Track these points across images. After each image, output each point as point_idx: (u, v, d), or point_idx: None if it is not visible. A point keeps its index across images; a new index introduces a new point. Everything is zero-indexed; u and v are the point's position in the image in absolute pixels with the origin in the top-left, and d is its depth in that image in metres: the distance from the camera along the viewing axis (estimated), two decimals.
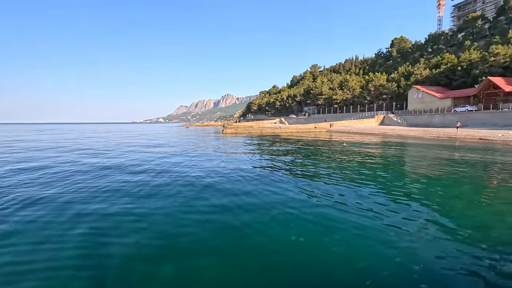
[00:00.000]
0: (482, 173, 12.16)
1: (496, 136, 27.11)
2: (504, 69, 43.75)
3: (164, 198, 8.62)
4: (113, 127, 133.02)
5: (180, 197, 8.77)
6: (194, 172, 12.81)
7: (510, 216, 6.93)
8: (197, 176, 11.87)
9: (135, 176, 11.82)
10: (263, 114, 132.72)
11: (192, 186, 10.16)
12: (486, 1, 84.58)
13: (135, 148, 24.70)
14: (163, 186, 10.15)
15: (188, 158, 17.40)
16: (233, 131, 52.25)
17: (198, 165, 14.68)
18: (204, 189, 9.66)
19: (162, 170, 13.31)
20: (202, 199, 8.62)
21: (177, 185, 10.30)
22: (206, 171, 13.06)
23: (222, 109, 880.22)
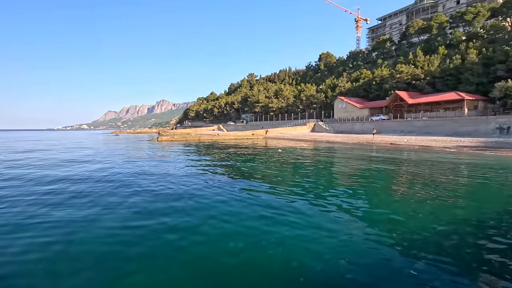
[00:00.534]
0: (394, 171, 14.06)
1: (403, 141, 31.90)
2: (407, 85, 52.05)
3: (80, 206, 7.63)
4: (13, 135, 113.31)
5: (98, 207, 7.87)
6: (118, 182, 11.68)
7: (416, 207, 8.11)
8: (124, 188, 10.85)
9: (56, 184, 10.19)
10: (201, 121, 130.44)
11: (117, 197, 9.23)
12: (392, 27, 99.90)
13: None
14: (82, 194, 8.98)
15: (111, 166, 15.81)
16: (169, 139, 49.85)
17: (121, 175, 13.45)
18: (131, 200, 8.87)
19: (80, 179, 11.79)
20: (125, 207, 7.92)
21: (99, 194, 9.24)
22: (132, 180, 12.04)
23: (157, 115, 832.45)
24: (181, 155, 23.92)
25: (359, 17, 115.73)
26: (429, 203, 8.59)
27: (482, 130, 32.90)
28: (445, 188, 10.44)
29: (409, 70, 51.94)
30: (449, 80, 46.14)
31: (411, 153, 22.94)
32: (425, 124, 39.90)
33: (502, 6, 55.89)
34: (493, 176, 12.81)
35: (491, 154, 21.24)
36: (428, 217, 7.31)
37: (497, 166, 15.78)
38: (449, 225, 6.75)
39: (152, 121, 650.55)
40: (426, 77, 49.52)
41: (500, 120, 31.96)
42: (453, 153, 22.60)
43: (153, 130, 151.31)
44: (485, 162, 17.21)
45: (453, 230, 6.40)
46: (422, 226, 6.71)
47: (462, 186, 10.86)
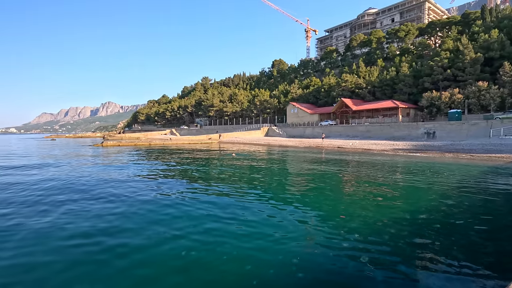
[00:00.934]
0: (341, 174, 15.03)
1: (348, 145, 34.38)
2: (352, 93, 56.48)
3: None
4: None
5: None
6: (48, 191, 10.48)
7: (361, 205, 8.74)
8: (54, 197, 9.76)
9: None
10: (152, 125, 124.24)
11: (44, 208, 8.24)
12: (338, 39, 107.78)
13: None
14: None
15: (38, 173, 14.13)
16: (115, 143, 46.40)
17: (52, 184, 12.11)
18: (63, 211, 8.00)
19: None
20: (56, 225, 7.11)
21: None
22: (66, 190, 10.92)
23: (102, 118, 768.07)
24: (127, 161, 22.39)
25: (308, 27, 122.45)
26: (371, 201, 9.35)
27: (413, 135, 37.12)
28: (384, 187, 11.49)
29: (353, 79, 56.43)
30: (386, 89, 51.29)
31: (355, 156, 24.81)
32: (367, 129, 43.61)
33: (427, 27, 64.20)
34: (421, 174, 14.49)
35: (421, 155, 24.04)
36: (370, 214, 7.94)
37: (425, 166, 17.91)
38: (388, 220, 7.41)
39: (96, 124, 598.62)
40: (368, 86, 54.35)
41: (427, 126, 36.44)
42: (390, 155, 25.03)
43: (97, 134, 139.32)
44: (415, 163, 19.41)
45: (392, 225, 7.04)
46: (365, 222, 7.26)
47: (397, 184, 12.07)
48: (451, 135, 33.30)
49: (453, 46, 46.52)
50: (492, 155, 21.62)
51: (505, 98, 36.50)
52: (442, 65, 44.27)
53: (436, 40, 65.35)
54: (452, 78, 43.43)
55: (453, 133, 33.34)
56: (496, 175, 14.22)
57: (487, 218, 7.65)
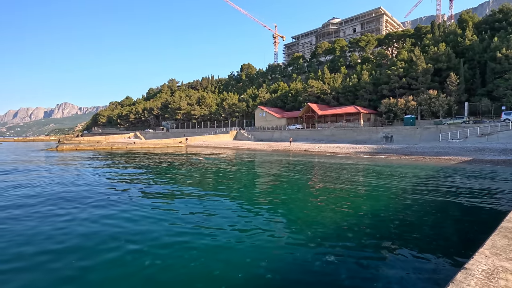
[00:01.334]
0: (307, 176, 15.47)
1: (314, 148, 35.55)
2: (317, 98, 58.63)
3: None
4: None
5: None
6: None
7: (326, 206, 9.06)
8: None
9: None
10: (114, 128, 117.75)
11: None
12: (304, 46, 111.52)
13: None
14: None
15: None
16: (72, 147, 43.27)
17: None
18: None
19: None
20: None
21: None
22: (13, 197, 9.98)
23: (57, 120, 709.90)
24: (85, 166, 21.00)
25: (276, 34, 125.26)
26: (335, 202, 9.75)
27: (373, 138, 39.45)
28: (347, 188, 12.06)
29: (319, 85, 58.64)
30: (349, 95, 54.03)
31: (321, 159, 25.72)
32: (331, 133, 45.48)
33: (385, 38, 68.93)
34: (381, 175, 15.44)
35: (380, 158, 25.61)
36: (335, 215, 8.27)
37: (384, 167, 19.11)
38: (351, 219, 7.78)
39: (51, 127, 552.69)
40: (332, 92, 56.81)
41: (385, 130, 38.97)
42: (353, 158, 26.34)
43: (51, 137, 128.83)
44: (375, 165, 20.65)
45: (355, 223, 7.40)
46: (330, 222, 7.55)
47: (359, 185, 12.73)
48: (407, 139, 35.98)
49: (407, 57, 50.51)
50: (441, 157, 23.70)
51: (452, 106, 40.40)
52: (398, 74, 47.79)
53: (393, 50, 70.42)
54: (407, 86, 47.04)
55: (408, 137, 36.05)
56: (444, 175, 15.62)
57: (436, 212, 8.37)
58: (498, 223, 4.25)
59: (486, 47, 44.33)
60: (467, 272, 2.71)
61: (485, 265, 2.87)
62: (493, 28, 49.07)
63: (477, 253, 3.14)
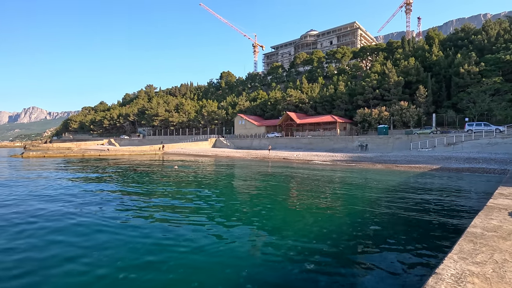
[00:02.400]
0: (286, 185, 15.60)
1: (293, 156, 36.04)
2: (296, 107, 59.83)
3: None
4: None
5: None
6: None
7: (305, 215, 9.16)
8: None
9: None
10: (87, 134, 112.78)
11: None
12: (283, 56, 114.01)
13: None
14: None
15: None
16: (39, 154, 40.86)
17: None
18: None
19: None
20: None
21: None
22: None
23: (24, 125, 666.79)
24: (52, 175, 19.80)
25: (256, 43, 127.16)
26: (313, 210, 9.90)
27: (349, 147, 40.71)
28: (325, 195, 12.29)
29: (297, 94, 59.92)
30: (326, 105, 55.64)
31: (299, 166, 26.09)
32: (309, 142, 46.40)
33: (360, 51, 72.10)
34: (356, 183, 15.92)
35: (356, 166, 26.44)
36: (314, 222, 8.39)
37: (359, 175, 19.73)
38: (329, 226, 7.92)
39: (16, 132, 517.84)
40: (310, 102, 58.24)
41: (360, 139, 40.39)
42: (330, 165, 26.97)
43: (16, 143, 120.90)
44: (351, 172, 21.28)
45: (332, 231, 7.54)
46: (309, 231, 7.64)
47: (336, 193, 13.03)
48: (380, 147, 37.48)
49: (380, 69, 53.13)
50: (412, 165, 24.89)
51: (421, 116, 42.80)
52: (372, 86, 50.03)
53: (367, 63, 73.78)
54: (380, 97, 49.31)
55: (382, 146, 37.58)
56: (415, 182, 16.38)
57: (407, 218, 8.73)
58: (464, 228, 4.51)
59: (450, 63, 47.69)
60: (438, 277, 2.85)
61: (454, 269, 3.02)
62: (456, 45, 52.97)
63: (446, 258, 3.31)
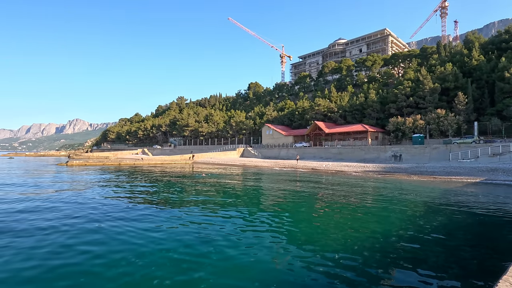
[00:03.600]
0: (316, 195, 15.28)
1: (322, 166, 35.29)
2: (324, 116, 58.88)
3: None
4: None
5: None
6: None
7: (337, 228, 8.89)
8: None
9: None
10: (123, 144, 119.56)
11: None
12: (311, 65, 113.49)
13: None
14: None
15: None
16: (81, 163, 43.90)
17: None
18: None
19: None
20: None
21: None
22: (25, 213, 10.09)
23: (68, 136, 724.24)
24: (93, 182, 21.19)
25: (283, 53, 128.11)
26: (346, 223, 9.57)
27: (382, 157, 39.02)
28: (357, 208, 11.85)
29: (325, 103, 59.05)
30: (356, 114, 54.13)
31: (329, 177, 25.45)
32: (339, 152, 45.21)
33: (391, 58, 69.77)
34: (391, 195, 15.15)
35: (389, 177, 25.22)
36: (346, 236, 8.09)
37: (394, 186, 18.77)
38: (362, 241, 7.59)
39: (62, 142, 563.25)
40: (339, 111, 57.05)
41: (394, 149, 38.59)
42: (361, 176, 26.00)
43: (61, 153, 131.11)
44: (385, 184, 20.31)
45: (366, 245, 7.21)
46: (341, 244, 7.38)
47: (369, 205, 12.49)
48: (416, 158, 35.48)
49: (414, 76, 50.83)
50: (452, 177, 23.21)
51: (461, 125, 40.00)
52: (405, 93, 47.93)
53: (399, 70, 71.05)
54: (414, 105, 47.01)
55: (417, 156, 35.56)
56: (457, 196, 15.22)
57: (451, 235, 8.10)
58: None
59: (493, 67, 44.37)
60: None
61: None
62: (499, 49, 49.29)
63: (501, 280, 3.03)
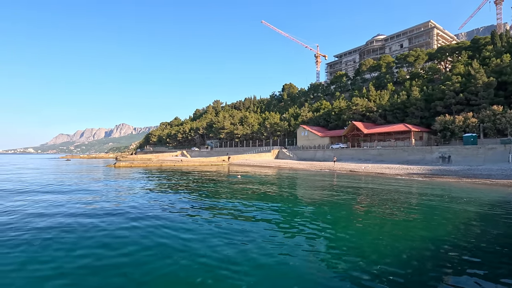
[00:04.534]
0: (355, 198, 14.73)
1: (361, 168, 33.87)
2: (362, 116, 56.46)
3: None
4: None
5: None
6: (59, 215, 10.67)
7: (371, 233, 8.50)
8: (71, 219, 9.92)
9: None
10: (164, 146, 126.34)
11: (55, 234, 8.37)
12: (347, 64, 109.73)
13: None
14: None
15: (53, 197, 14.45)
16: (127, 164, 47.24)
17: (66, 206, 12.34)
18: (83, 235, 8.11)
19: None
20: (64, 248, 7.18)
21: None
22: (83, 210, 11.09)
23: (115, 139, 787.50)
24: (138, 182, 22.70)
25: (318, 53, 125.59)
26: (389, 229, 9.07)
27: (427, 159, 36.33)
28: (401, 213, 11.17)
29: (364, 103, 56.62)
30: (397, 113, 51.09)
31: (368, 180, 24.35)
32: (379, 153, 43.02)
33: (437, 52, 64.77)
34: (439, 200, 14.02)
35: (436, 180, 23.38)
36: (390, 243, 7.68)
37: (442, 191, 17.36)
38: (409, 249, 7.14)
39: (110, 145, 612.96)
40: (378, 110, 54.31)
41: (441, 150, 35.70)
42: (404, 179, 24.45)
43: (110, 155, 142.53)
44: (432, 188, 18.86)
45: (412, 254, 6.78)
46: (384, 252, 7.01)
47: (415, 210, 11.70)
48: (467, 159, 32.44)
49: (464, 70, 46.57)
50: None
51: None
52: (454, 89, 44.11)
53: (446, 64, 65.63)
54: (465, 102, 43.05)
55: (469, 158, 32.49)
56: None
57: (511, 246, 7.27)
58: None
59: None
60: None
61: None
62: None
63: None
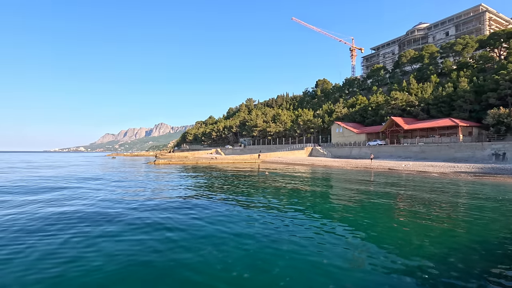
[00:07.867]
0: (394, 197, 13.99)
1: (400, 166, 32.02)
2: (402, 111, 53.22)
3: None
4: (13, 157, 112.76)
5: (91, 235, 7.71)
6: (115, 207, 11.51)
7: (414, 234, 8.01)
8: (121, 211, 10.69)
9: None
10: (199, 145, 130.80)
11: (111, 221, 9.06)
12: (385, 56, 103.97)
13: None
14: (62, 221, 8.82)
15: (108, 191, 15.65)
16: (166, 162, 49.72)
17: (120, 199, 13.27)
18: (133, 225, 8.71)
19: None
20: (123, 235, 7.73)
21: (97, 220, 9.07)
22: (131, 204, 11.89)
23: (155, 138, 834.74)
24: (177, 179, 23.84)
25: (353, 46, 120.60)
26: (435, 233, 8.48)
27: (478, 156, 33.22)
28: (448, 215, 10.38)
29: (404, 97, 53.33)
30: (442, 107, 47.32)
31: (409, 179, 22.94)
32: (421, 150, 40.28)
33: (489, 38, 58.68)
34: (492, 201, 12.75)
35: (488, 179, 21.30)
36: (436, 248, 7.20)
37: (495, 191, 15.77)
38: (457, 254, 6.64)
39: (150, 144, 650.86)
40: (420, 104, 50.78)
41: (495, 146, 32.40)
42: (450, 178, 22.63)
43: (150, 153, 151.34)
44: (483, 188, 17.22)
45: (460, 259, 6.29)
46: (429, 257, 6.60)
47: (463, 211, 10.80)
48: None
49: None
50: None
51: None
52: (510, 79, 39.67)
53: (500, 52, 59.19)
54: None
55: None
56: None
57: None
58: None
59: None
60: None
61: None
62: None
63: None
